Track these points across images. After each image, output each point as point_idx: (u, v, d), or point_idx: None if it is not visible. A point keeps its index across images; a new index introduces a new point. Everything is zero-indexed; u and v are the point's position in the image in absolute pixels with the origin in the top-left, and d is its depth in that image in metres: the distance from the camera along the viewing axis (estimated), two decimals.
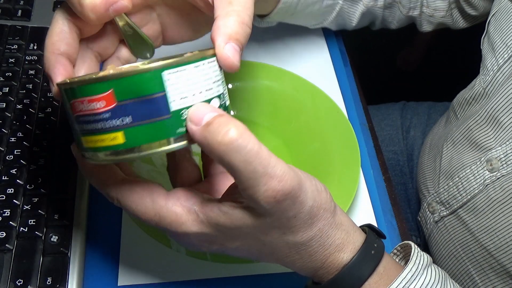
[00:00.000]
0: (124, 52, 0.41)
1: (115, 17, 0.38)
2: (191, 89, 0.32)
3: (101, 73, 0.32)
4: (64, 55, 0.36)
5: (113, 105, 0.31)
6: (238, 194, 0.33)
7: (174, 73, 0.31)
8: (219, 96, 0.34)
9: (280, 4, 0.56)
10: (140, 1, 0.39)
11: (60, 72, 0.35)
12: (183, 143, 0.32)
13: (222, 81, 0.35)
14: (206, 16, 0.41)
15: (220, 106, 0.34)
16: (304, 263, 0.36)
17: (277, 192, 0.31)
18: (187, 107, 0.32)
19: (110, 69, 0.33)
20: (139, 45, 0.41)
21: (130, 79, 0.30)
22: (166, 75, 0.31)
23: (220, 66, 0.34)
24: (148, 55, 0.42)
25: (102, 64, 0.41)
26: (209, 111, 0.31)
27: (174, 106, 0.31)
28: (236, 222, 0.33)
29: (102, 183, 0.36)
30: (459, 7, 0.68)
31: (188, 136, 0.32)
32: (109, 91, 0.31)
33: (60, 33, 0.37)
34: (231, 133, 0.30)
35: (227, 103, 0.36)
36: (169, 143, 0.32)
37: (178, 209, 0.34)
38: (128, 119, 0.31)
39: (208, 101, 0.33)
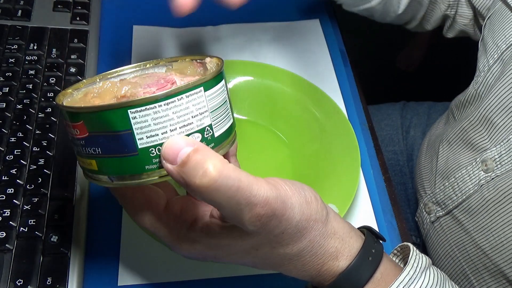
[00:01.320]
0: None
1: None
2: (161, 127, 0.31)
3: (74, 104, 0.33)
4: None
5: (86, 134, 0.31)
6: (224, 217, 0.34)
7: (140, 111, 0.30)
8: (201, 131, 0.32)
9: None
10: None
11: None
12: (153, 178, 0.32)
13: (212, 111, 0.33)
14: None
15: (203, 140, 0.33)
16: (298, 272, 0.37)
17: (261, 216, 0.31)
18: (156, 145, 0.31)
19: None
20: None
21: (98, 115, 0.30)
22: (132, 113, 0.30)
23: (211, 95, 0.33)
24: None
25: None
26: (184, 145, 0.30)
27: (141, 144, 0.31)
28: (225, 242, 0.34)
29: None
30: (476, 19, 0.68)
31: (158, 172, 0.32)
32: (80, 122, 0.31)
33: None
34: (208, 174, 0.29)
35: (221, 130, 0.34)
36: (137, 178, 0.32)
37: (172, 223, 0.35)
38: (98, 150, 0.31)
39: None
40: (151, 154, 0.31)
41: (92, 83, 0.37)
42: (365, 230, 0.38)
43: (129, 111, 0.30)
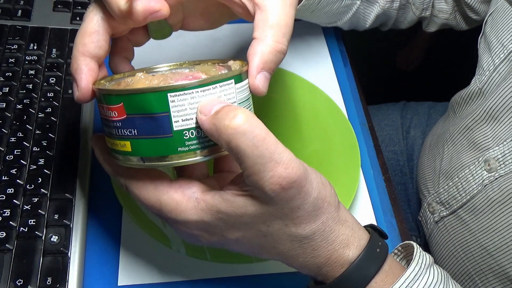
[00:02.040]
0: (139, 36, 0.41)
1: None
2: (196, 112, 0.33)
3: (116, 87, 0.35)
4: (94, 58, 0.36)
5: (123, 116, 0.33)
6: (242, 183, 0.33)
7: (179, 95, 0.32)
8: None
9: (304, 1, 0.56)
10: (174, 1, 0.39)
11: (86, 78, 0.36)
12: (183, 160, 0.34)
13: (241, 102, 0.35)
14: (228, 13, 0.41)
15: None
16: (306, 259, 0.36)
17: (283, 179, 0.31)
18: (189, 129, 0.33)
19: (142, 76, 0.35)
20: (160, 30, 0.42)
21: (138, 97, 0.32)
22: (171, 96, 0.32)
23: (239, 88, 0.35)
24: (166, 36, 0.43)
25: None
26: (218, 102, 0.32)
27: (176, 126, 0.33)
28: (237, 210, 0.33)
29: (112, 170, 0.37)
30: (461, 10, 0.68)
31: (189, 154, 0.34)
32: (120, 104, 0.33)
33: (93, 34, 0.36)
34: (238, 117, 0.31)
35: None
36: (169, 160, 0.34)
37: (178, 196, 0.35)
38: (134, 131, 0.33)
39: None
40: (184, 137, 0.33)
41: (122, 77, 0.38)
42: (369, 228, 0.39)
43: (168, 94, 0.32)
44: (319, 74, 0.64)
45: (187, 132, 0.33)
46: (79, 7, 0.65)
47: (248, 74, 0.36)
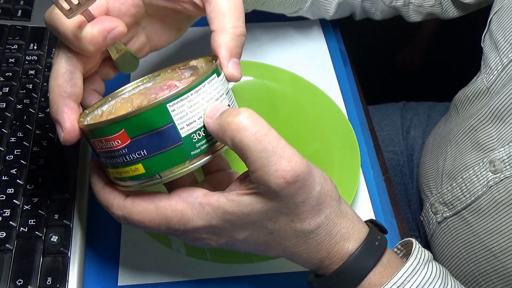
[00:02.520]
0: (107, 69, 0.42)
1: (111, 44, 0.38)
2: (197, 113, 0.34)
3: (112, 116, 0.34)
4: (71, 97, 0.37)
5: (128, 142, 0.33)
6: (246, 182, 0.33)
7: (177, 103, 0.33)
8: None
9: None
10: (130, 21, 0.40)
11: (69, 118, 0.36)
12: (199, 162, 0.35)
13: (227, 93, 0.36)
14: (185, 17, 0.42)
15: None
16: (310, 254, 0.36)
17: (287, 172, 0.32)
18: (196, 131, 0.34)
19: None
20: (126, 63, 0.42)
21: (138, 117, 0.32)
22: (170, 106, 0.32)
23: (221, 80, 0.36)
24: (133, 69, 0.43)
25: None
26: (222, 106, 0.34)
27: (183, 132, 0.33)
28: (244, 209, 0.34)
29: (107, 204, 0.37)
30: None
31: (202, 155, 0.34)
32: (121, 131, 0.33)
33: (65, 74, 0.37)
34: (242, 114, 0.32)
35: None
36: (186, 166, 0.34)
37: (181, 206, 0.35)
38: (143, 152, 0.33)
39: None
40: (193, 140, 0.34)
41: (94, 109, 0.38)
42: (369, 222, 0.39)
43: (167, 105, 0.32)
44: (319, 74, 0.64)
45: (195, 134, 0.34)
46: None
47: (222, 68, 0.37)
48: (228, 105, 0.36)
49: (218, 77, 0.36)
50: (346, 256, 0.36)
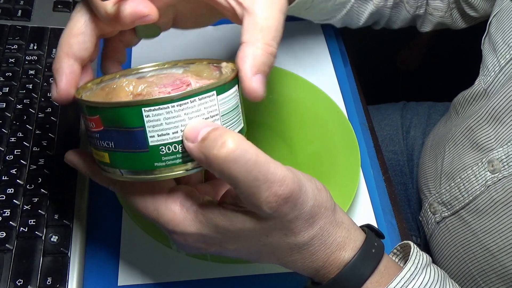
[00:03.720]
0: (128, 35, 0.41)
1: None
2: (173, 126, 0.32)
3: (93, 99, 0.34)
4: (77, 60, 0.36)
5: (101, 128, 0.33)
6: (239, 199, 0.33)
7: (154, 110, 0.31)
8: None
9: None
10: (164, 5, 0.39)
11: (67, 80, 0.35)
12: (164, 175, 0.33)
13: (224, 114, 0.34)
14: (217, 14, 0.41)
15: None
16: (305, 263, 0.36)
17: (278, 196, 0.31)
18: (166, 144, 0.32)
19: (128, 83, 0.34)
20: (146, 31, 0.41)
21: (113, 110, 0.32)
22: (145, 111, 0.31)
23: (221, 99, 0.33)
24: (154, 35, 0.42)
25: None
26: (204, 126, 0.31)
27: (152, 141, 0.32)
28: (237, 225, 0.33)
29: (105, 180, 0.37)
30: (459, 7, 0.68)
31: (168, 168, 0.33)
32: (97, 116, 0.32)
33: (79, 35, 0.36)
34: (227, 145, 0.29)
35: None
36: (148, 174, 0.33)
37: (176, 208, 0.34)
38: (111, 144, 0.33)
39: None
40: (161, 152, 0.32)
41: (111, 79, 0.38)
42: (366, 228, 0.39)
43: (143, 109, 0.31)
44: (319, 74, 0.64)
45: (163, 147, 0.32)
46: None
47: (240, 80, 0.34)
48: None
49: (219, 95, 0.33)
50: (342, 265, 0.36)
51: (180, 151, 0.32)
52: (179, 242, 0.36)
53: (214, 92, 0.33)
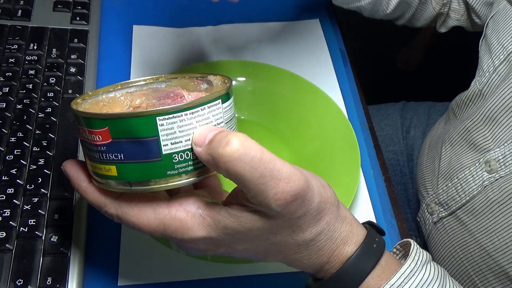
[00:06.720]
0: None
1: None
2: (185, 134, 0.33)
3: (100, 112, 0.34)
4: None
5: (108, 141, 0.32)
6: (245, 199, 0.33)
7: (168, 119, 0.32)
8: None
9: None
10: None
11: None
12: (176, 183, 0.33)
13: (228, 121, 0.35)
14: None
15: None
16: (311, 259, 0.36)
17: (286, 193, 0.31)
18: (179, 152, 0.33)
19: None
20: None
21: (125, 121, 0.32)
22: (160, 120, 0.32)
23: (225, 108, 0.34)
24: None
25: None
26: (210, 130, 0.32)
27: (165, 150, 0.32)
28: (245, 225, 0.33)
29: (99, 203, 0.36)
30: (468, 13, 0.69)
31: (180, 176, 0.33)
32: (105, 128, 0.32)
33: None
34: (231, 144, 0.30)
35: None
36: (160, 183, 0.33)
37: (182, 214, 0.34)
38: (120, 156, 0.33)
39: None
40: (173, 160, 0.33)
41: (98, 94, 0.38)
42: (367, 225, 0.39)
43: (157, 118, 0.31)
44: (319, 74, 0.64)
45: (176, 155, 0.33)
46: (79, 7, 0.65)
47: (229, 95, 0.35)
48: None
49: (223, 103, 0.34)
50: (345, 260, 0.36)
51: (191, 158, 0.33)
52: (187, 248, 0.36)
53: (220, 100, 0.34)
